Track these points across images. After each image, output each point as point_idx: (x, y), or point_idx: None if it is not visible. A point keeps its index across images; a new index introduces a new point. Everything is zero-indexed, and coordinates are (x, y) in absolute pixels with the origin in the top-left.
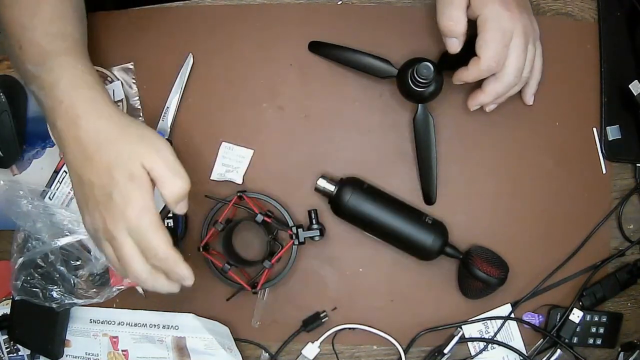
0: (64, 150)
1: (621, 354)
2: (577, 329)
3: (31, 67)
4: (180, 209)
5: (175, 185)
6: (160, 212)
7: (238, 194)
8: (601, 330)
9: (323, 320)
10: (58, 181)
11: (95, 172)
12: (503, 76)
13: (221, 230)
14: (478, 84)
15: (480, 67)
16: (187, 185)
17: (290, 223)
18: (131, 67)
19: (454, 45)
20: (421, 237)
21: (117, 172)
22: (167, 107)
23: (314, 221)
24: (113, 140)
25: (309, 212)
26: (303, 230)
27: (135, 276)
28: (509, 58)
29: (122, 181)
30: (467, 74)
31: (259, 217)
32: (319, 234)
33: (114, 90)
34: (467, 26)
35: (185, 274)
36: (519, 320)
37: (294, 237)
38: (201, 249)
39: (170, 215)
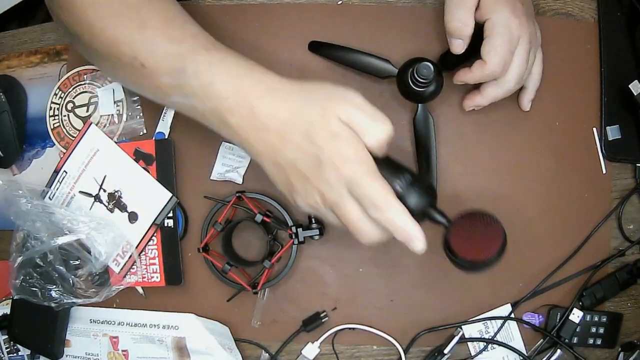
0: (247, 144)
1: (621, 354)
2: (577, 329)
3: (168, 78)
4: (380, 151)
5: (378, 131)
6: (158, 215)
7: (237, 194)
8: (601, 330)
9: (323, 320)
10: (58, 181)
11: (292, 148)
12: (504, 83)
13: (221, 230)
14: (475, 84)
15: (485, 71)
16: (389, 128)
17: (290, 222)
18: None
19: (459, 47)
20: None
21: (316, 138)
22: (167, 107)
23: (313, 220)
24: (299, 111)
25: None
26: (302, 230)
27: (367, 239)
28: (512, 65)
29: (326, 143)
30: (470, 76)
31: (259, 217)
32: (318, 233)
33: (113, 90)
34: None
35: (412, 231)
36: (519, 320)
37: (293, 236)
38: (201, 250)
39: (170, 215)
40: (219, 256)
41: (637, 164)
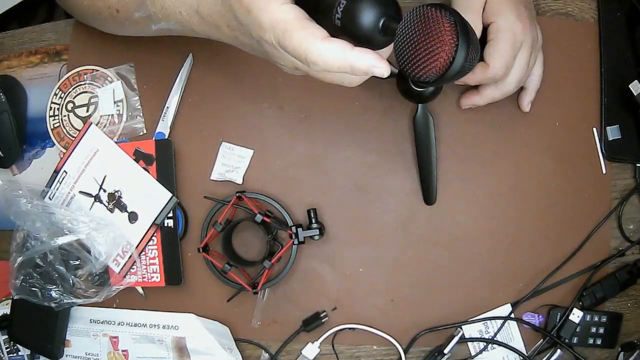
0: (219, 39)
1: (621, 354)
2: (577, 329)
3: (139, 14)
4: None
5: None
6: (158, 215)
7: (237, 195)
8: (601, 330)
9: (323, 320)
10: (58, 181)
11: (237, 35)
12: (504, 85)
13: (221, 230)
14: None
15: (486, 74)
16: None
17: (290, 222)
18: (131, 67)
19: None
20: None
21: (240, 18)
22: (167, 107)
23: (313, 220)
24: None
25: (308, 212)
26: (302, 230)
27: (348, 85)
28: (513, 69)
29: (246, 18)
30: (472, 78)
31: (258, 217)
32: (318, 233)
33: (114, 90)
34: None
35: (363, 64)
36: (519, 320)
37: (293, 236)
38: (201, 250)
39: (170, 215)
40: (219, 256)
41: (637, 164)
